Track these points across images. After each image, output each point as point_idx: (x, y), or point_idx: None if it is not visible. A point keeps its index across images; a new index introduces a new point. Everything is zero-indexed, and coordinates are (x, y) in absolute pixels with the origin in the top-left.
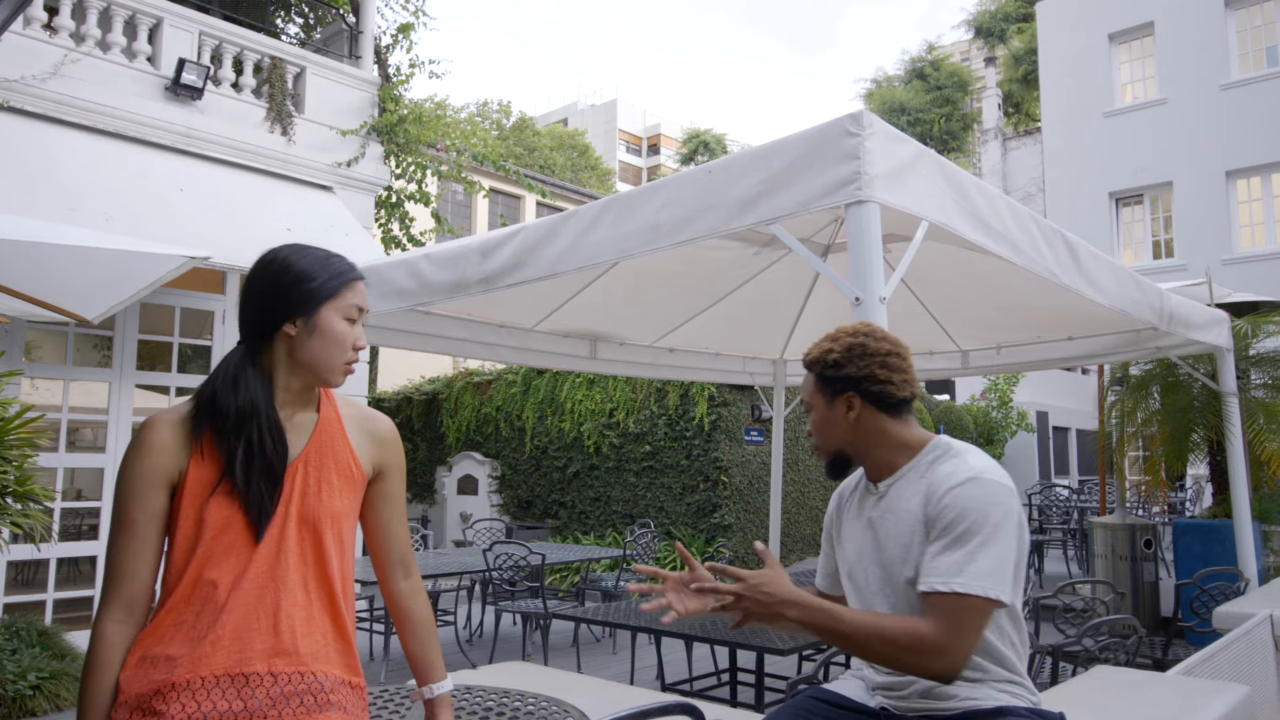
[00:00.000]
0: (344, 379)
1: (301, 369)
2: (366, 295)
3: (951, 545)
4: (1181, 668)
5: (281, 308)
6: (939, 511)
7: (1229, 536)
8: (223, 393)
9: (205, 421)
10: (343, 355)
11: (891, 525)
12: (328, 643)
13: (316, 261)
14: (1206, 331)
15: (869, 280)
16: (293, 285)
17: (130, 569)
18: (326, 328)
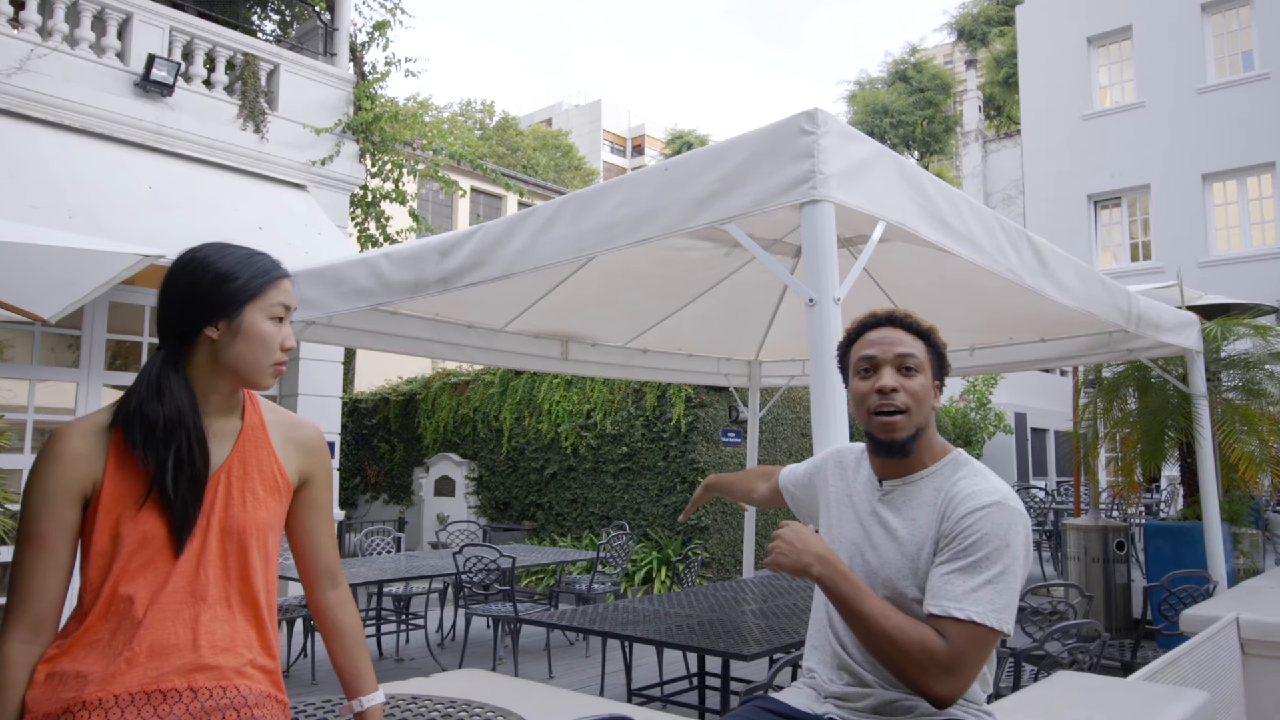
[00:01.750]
0: (273, 381)
1: (227, 373)
2: (293, 292)
3: (969, 570)
4: (1144, 673)
5: (202, 310)
6: (958, 531)
7: (1199, 538)
8: (148, 402)
9: (130, 432)
10: (269, 357)
11: (897, 533)
12: (252, 656)
13: (238, 260)
14: (1176, 334)
15: (823, 280)
16: (213, 286)
17: (37, 586)
18: (251, 329)
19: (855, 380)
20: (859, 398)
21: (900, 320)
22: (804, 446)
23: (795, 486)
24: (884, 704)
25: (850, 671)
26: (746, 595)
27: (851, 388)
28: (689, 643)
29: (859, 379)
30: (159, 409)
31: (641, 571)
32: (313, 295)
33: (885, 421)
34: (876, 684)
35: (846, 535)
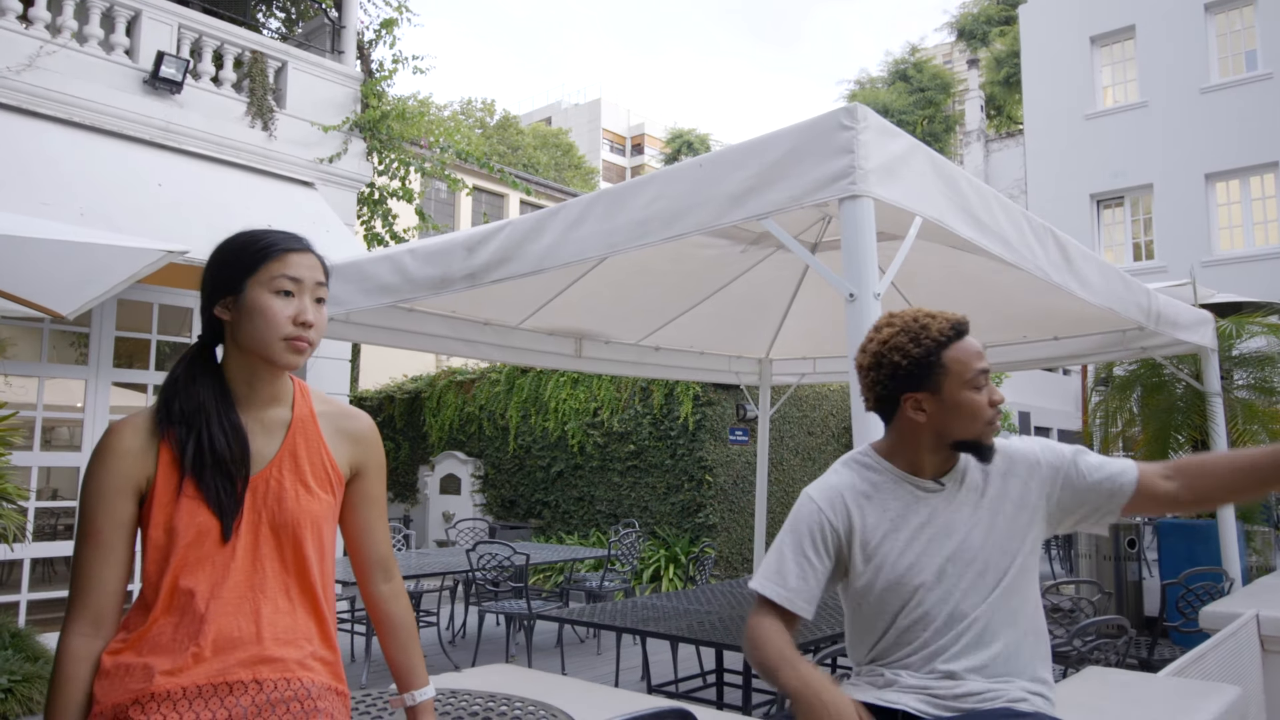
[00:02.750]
0: (293, 357)
1: (248, 355)
2: (306, 265)
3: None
4: (1172, 668)
5: (213, 292)
6: (1057, 461)
7: (1213, 536)
8: (175, 393)
9: (164, 425)
10: (277, 330)
11: (1003, 505)
12: (313, 649)
13: (245, 240)
14: (1192, 332)
15: (864, 276)
16: (219, 267)
17: (97, 580)
18: (253, 304)
19: (968, 394)
20: (974, 409)
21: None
22: (811, 445)
23: (812, 580)
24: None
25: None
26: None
27: (964, 402)
28: (711, 639)
29: (973, 391)
30: (177, 396)
31: (650, 569)
32: (336, 292)
33: (995, 429)
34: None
35: (935, 544)
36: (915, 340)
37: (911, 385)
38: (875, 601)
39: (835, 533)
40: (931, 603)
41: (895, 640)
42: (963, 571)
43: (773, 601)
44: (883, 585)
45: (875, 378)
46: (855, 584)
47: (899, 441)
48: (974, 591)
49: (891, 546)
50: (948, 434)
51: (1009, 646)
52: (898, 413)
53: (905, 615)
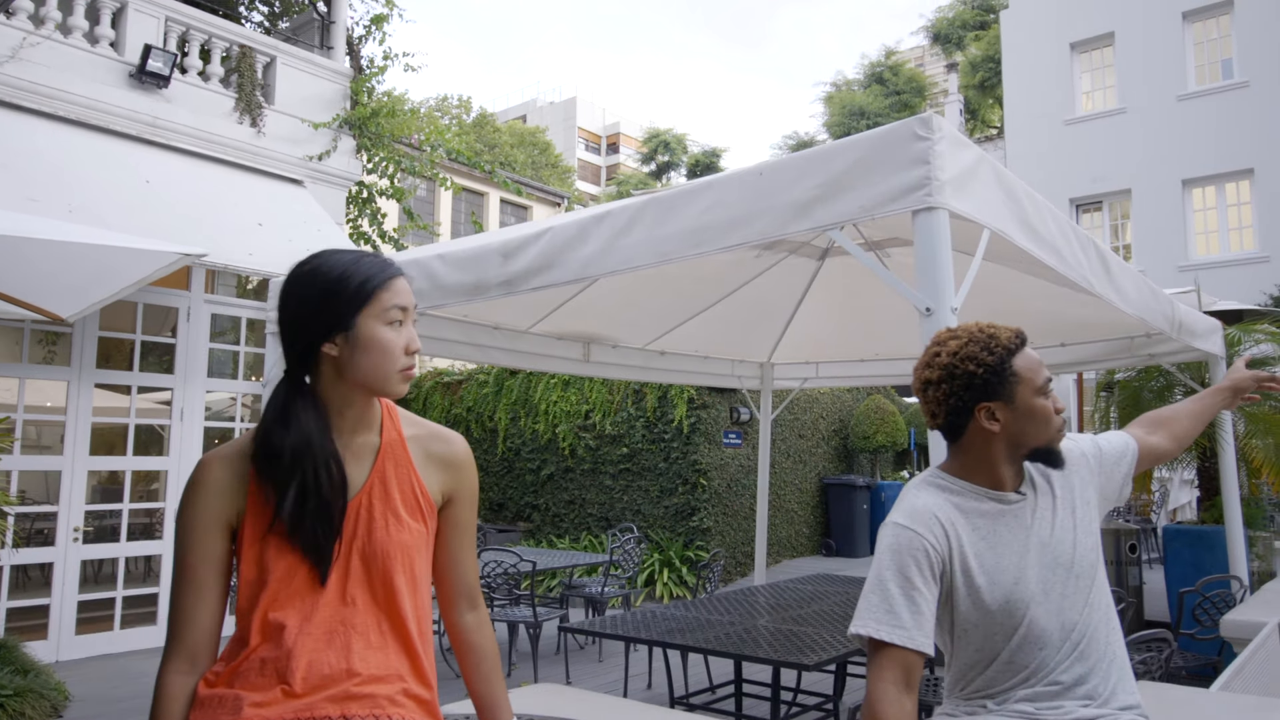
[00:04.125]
0: (405, 386)
1: (356, 387)
2: (408, 290)
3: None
4: (1221, 682)
5: (317, 327)
6: (1092, 460)
7: (1219, 542)
8: (274, 431)
9: (258, 464)
10: (395, 364)
11: (1076, 510)
12: (405, 685)
13: (344, 268)
14: (1205, 339)
15: (940, 289)
16: (322, 301)
17: (190, 617)
18: (370, 339)
19: (1040, 400)
20: (1047, 415)
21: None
22: (802, 448)
23: (925, 611)
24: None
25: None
26: (768, 602)
27: (1037, 407)
28: (729, 649)
29: (1041, 398)
30: (285, 437)
31: (644, 574)
32: None
33: (1063, 435)
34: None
35: (1036, 561)
36: (988, 349)
37: (987, 395)
38: (985, 625)
39: (939, 555)
40: (1045, 618)
41: (1008, 665)
42: (1064, 579)
43: (892, 644)
44: (995, 605)
45: (948, 390)
46: (960, 609)
47: (974, 457)
48: (1075, 596)
49: (995, 564)
50: (1023, 442)
51: (1111, 649)
52: (970, 426)
53: (1018, 635)
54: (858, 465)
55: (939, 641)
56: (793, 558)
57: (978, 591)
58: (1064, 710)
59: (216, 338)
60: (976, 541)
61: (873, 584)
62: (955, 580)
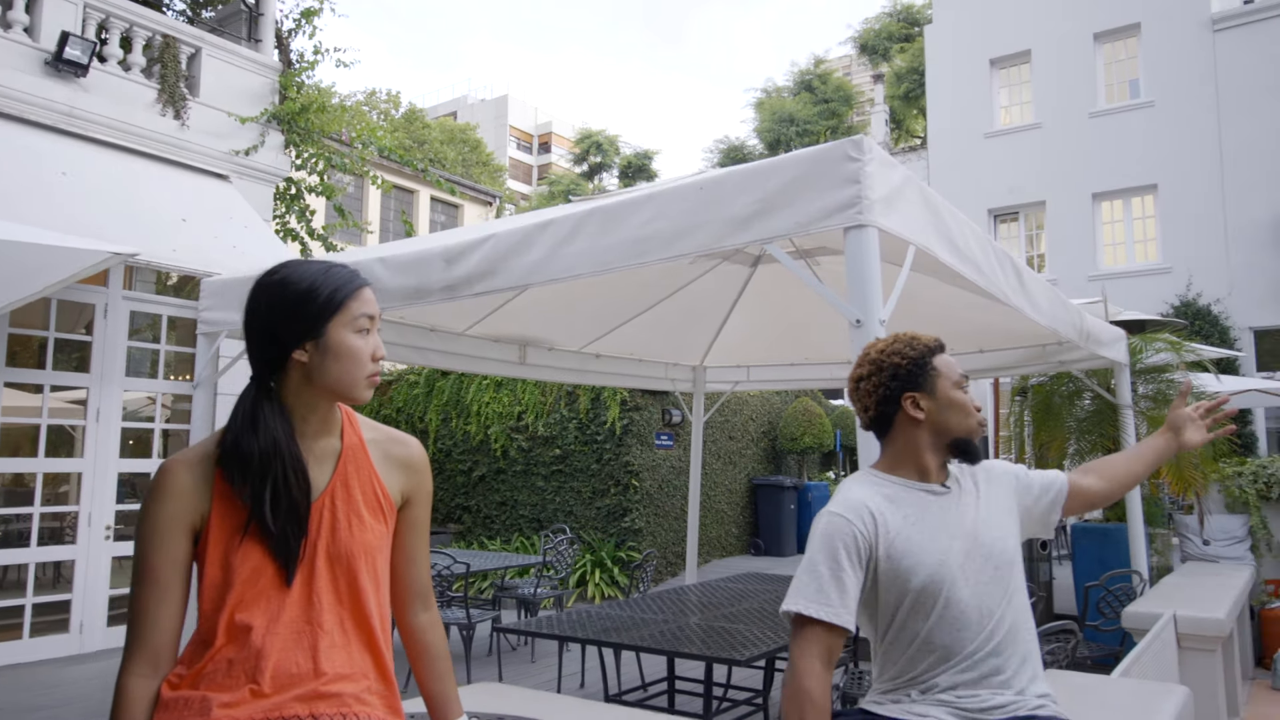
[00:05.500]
0: (370, 392)
1: (323, 393)
2: (373, 300)
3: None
4: (1121, 669)
5: (287, 335)
6: (1015, 472)
7: (1122, 539)
8: (243, 436)
9: (228, 468)
10: (363, 370)
11: (998, 502)
12: (370, 683)
13: (315, 277)
14: (1110, 348)
15: (869, 303)
16: (294, 308)
17: (153, 620)
18: (340, 346)
19: (957, 392)
20: (964, 407)
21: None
22: (732, 450)
23: (850, 590)
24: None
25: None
26: (699, 601)
27: (956, 398)
28: (663, 647)
29: (961, 392)
30: (254, 442)
31: (576, 574)
32: None
33: (981, 430)
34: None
35: (959, 545)
36: (911, 346)
37: (911, 384)
38: (909, 605)
39: (867, 541)
40: (963, 598)
41: (925, 644)
42: (984, 567)
43: (819, 621)
44: (918, 585)
45: (877, 381)
46: (886, 590)
47: (901, 451)
48: (995, 586)
49: (920, 546)
50: (946, 430)
51: (1027, 645)
52: (897, 417)
53: (936, 612)
54: (786, 466)
55: (865, 627)
56: (722, 557)
57: (903, 571)
58: (981, 698)
59: (135, 335)
60: (904, 526)
61: (805, 566)
62: (881, 563)
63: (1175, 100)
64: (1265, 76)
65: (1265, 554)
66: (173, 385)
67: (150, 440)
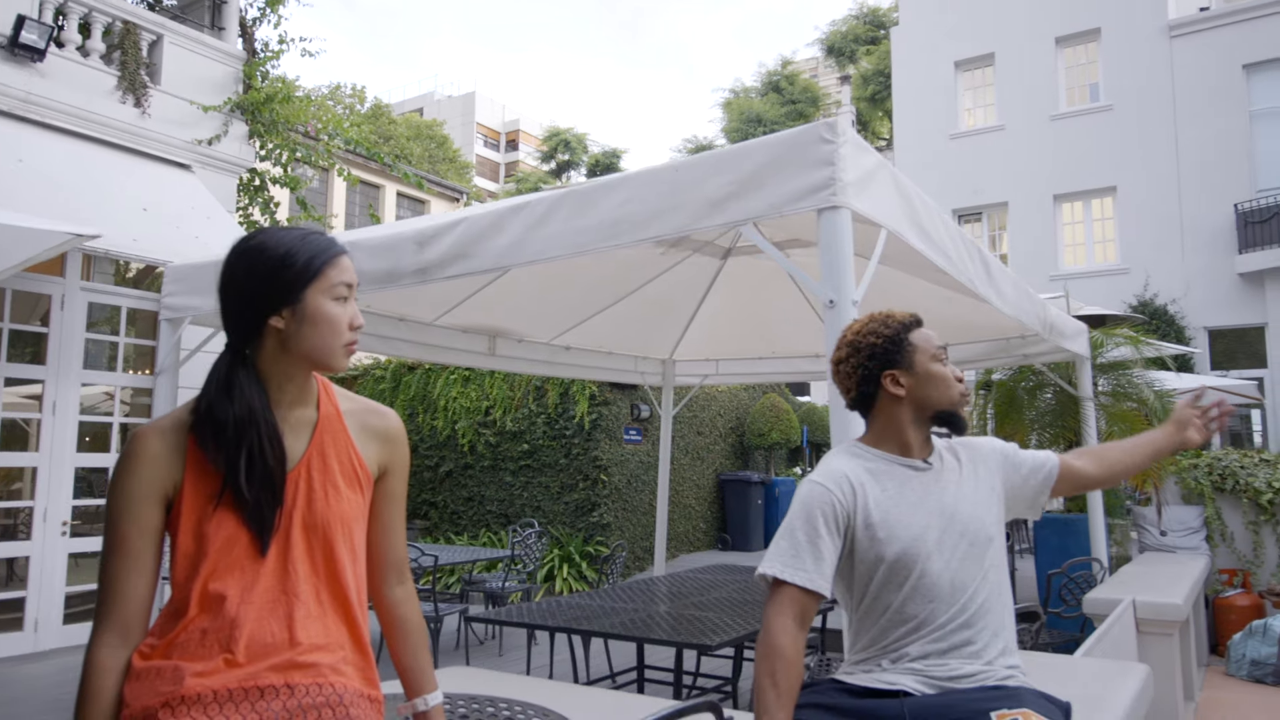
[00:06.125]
0: (348, 360)
1: (299, 360)
2: (352, 268)
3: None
4: (1083, 650)
5: (264, 301)
6: (1000, 448)
7: (1083, 529)
8: (218, 402)
9: (202, 435)
10: (340, 338)
11: (981, 479)
12: (345, 654)
13: (293, 243)
14: (1073, 341)
15: (842, 284)
16: (271, 274)
17: (124, 589)
18: (317, 313)
19: (936, 365)
20: (943, 379)
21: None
22: (700, 445)
23: (827, 559)
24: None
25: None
26: (668, 591)
27: (935, 371)
28: (635, 634)
29: (938, 364)
30: (229, 409)
31: (544, 569)
32: None
33: (966, 400)
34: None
35: (937, 520)
36: (885, 324)
37: (889, 362)
38: (883, 576)
39: (845, 510)
40: (936, 572)
41: (898, 614)
42: (959, 542)
43: (794, 585)
44: (892, 556)
45: (855, 362)
46: (862, 560)
47: (884, 426)
48: (970, 562)
49: (897, 519)
50: (928, 404)
51: (1000, 621)
52: (879, 395)
53: (909, 584)
54: (753, 462)
55: (841, 596)
56: (690, 552)
57: (879, 543)
58: (950, 667)
59: (93, 328)
60: (883, 499)
61: (783, 532)
62: (858, 533)
63: (1133, 104)
64: (1220, 82)
65: (1219, 544)
66: (132, 379)
67: (109, 435)
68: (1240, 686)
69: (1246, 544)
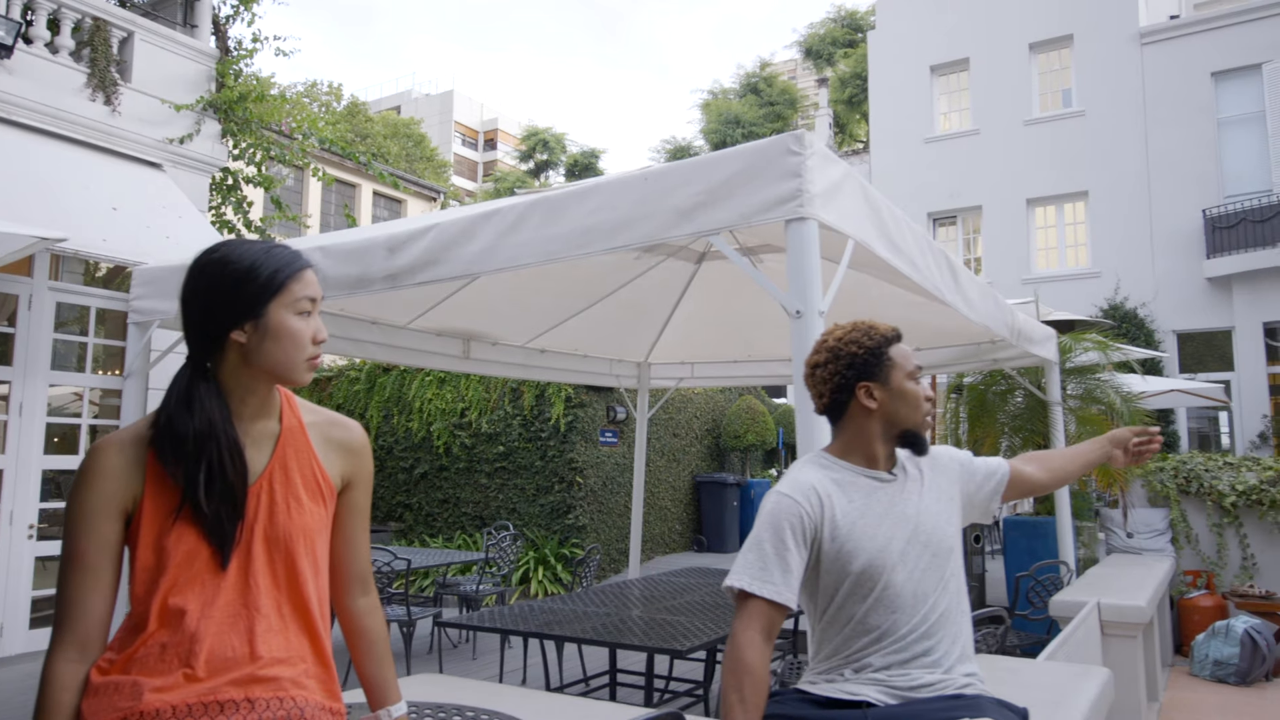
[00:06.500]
0: (310, 375)
1: (261, 374)
2: (316, 283)
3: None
4: (1046, 654)
5: (226, 315)
6: (961, 459)
7: (1051, 532)
8: (177, 416)
9: (161, 448)
10: (302, 352)
11: (943, 491)
12: (307, 667)
13: (256, 257)
14: (1041, 346)
15: (809, 294)
16: (234, 287)
17: (81, 604)
18: (279, 327)
19: (910, 384)
20: (915, 400)
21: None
22: (676, 447)
23: (793, 570)
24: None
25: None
26: (642, 594)
27: (908, 390)
28: (606, 639)
29: (912, 383)
30: (189, 422)
31: (520, 571)
32: None
33: (930, 423)
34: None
35: (902, 532)
36: (869, 335)
37: (865, 374)
38: (848, 588)
39: (813, 522)
40: (899, 583)
41: (860, 624)
42: (922, 553)
43: (761, 597)
44: (858, 568)
45: (833, 369)
46: (827, 571)
47: (853, 438)
48: (931, 572)
49: (863, 531)
50: (896, 421)
51: (959, 630)
52: (850, 405)
53: (873, 596)
54: (729, 464)
55: (806, 606)
56: (665, 554)
57: (845, 555)
58: (911, 677)
59: (61, 328)
60: (849, 510)
61: (751, 543)
62: (825, 545)
63: (1105, 110)
64: (1189, 90)
65: (1185, 546)
66: (101, 380)
67: (77, 436)
68: (1203, 686)
69: (1210, 546)
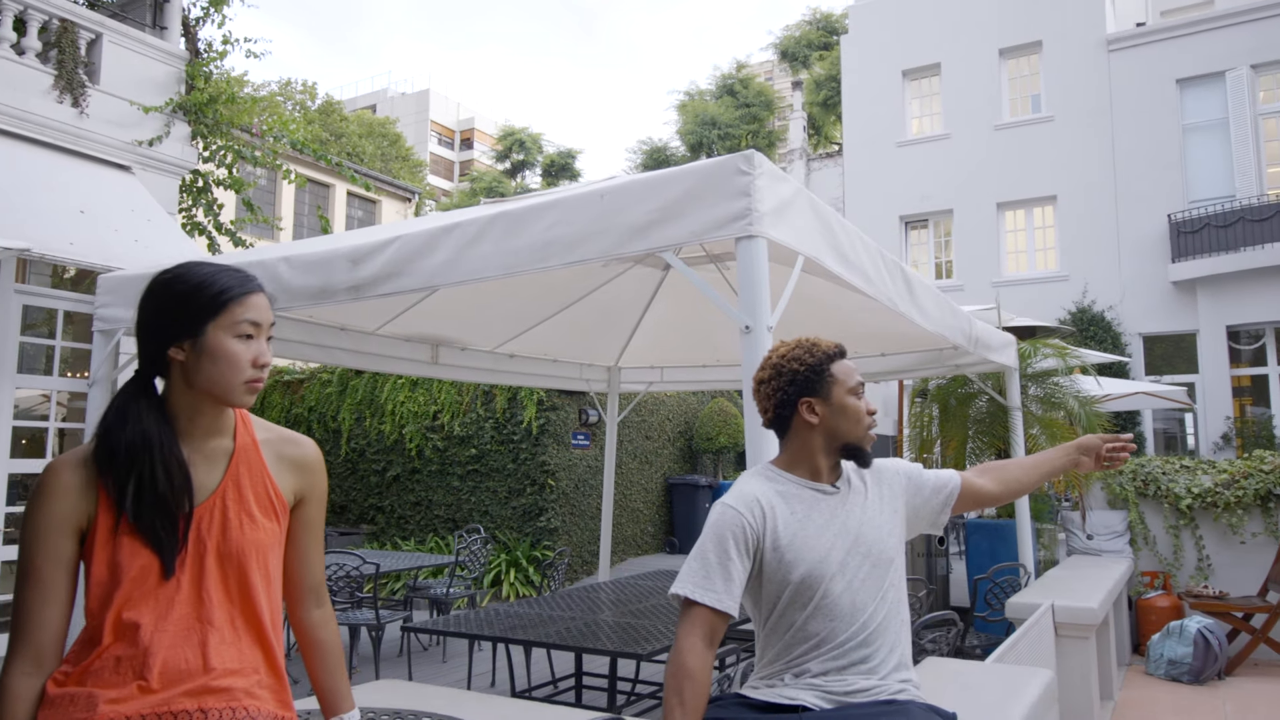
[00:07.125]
0: (250, 398)
1: (202, 395)
2: (266, 306)
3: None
4: (994, 656)
5: (165, 332)
6: (906, 470)
7: (1012, 534)
8: (113, 429)
9: (99, 461)
10: (239, 375)
11: (885, 503)
12: (260, 677)
13: (201, 279)
14: (1000, 353)
15: (758, 310)
16: (176, 306)
17: (36, 619)
18: (216, 348)
19: (851, 399)
20: (856, 415)
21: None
22: (648, 449)
23: (736, 580)
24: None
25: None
26: (611, 598)
27: (849, 405)
28: (570, 643)
29: (854, 399)
30: (122, 435)
31: (490, 574)
32: None
33: (873, 437)
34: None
35: (842, 544)
36: (810, 353)
37: (807, 390)
38: (789, 596)
39: (755, 533)
40: (837, 593)
41: (800, 631)
42: (862, 564)
43: (704, 605)
44: (798, 578)
45: (776, 385)
46: (769, 580)
47: (797, 451)
48: (870, 582)
49: (804, 542)
50: (838, 435)
51: (897, 638)
52: (794, 420)
53: (813, 604)
54: (701, 465)
55: (751, 613)
56: (638, 555)
57: (786, 565)
58: (847, 683)
59: (28, 330)
60: (791, 522)
61: (695, 553)
62: (767, 555)
63: (1073, 115)
64: (1154, 96)
65: (1143, 548)
66: (69, 383)
67: (44, 439)
68: (1158, 685)
69: (1167, 547)
